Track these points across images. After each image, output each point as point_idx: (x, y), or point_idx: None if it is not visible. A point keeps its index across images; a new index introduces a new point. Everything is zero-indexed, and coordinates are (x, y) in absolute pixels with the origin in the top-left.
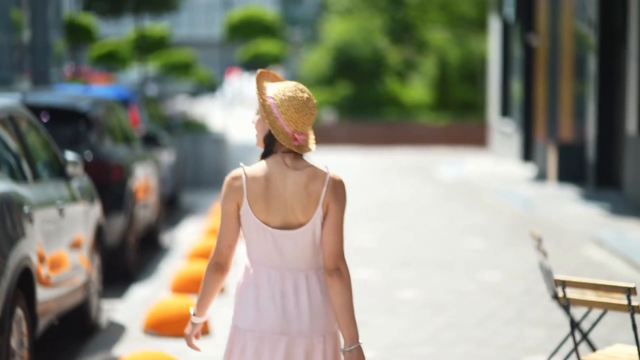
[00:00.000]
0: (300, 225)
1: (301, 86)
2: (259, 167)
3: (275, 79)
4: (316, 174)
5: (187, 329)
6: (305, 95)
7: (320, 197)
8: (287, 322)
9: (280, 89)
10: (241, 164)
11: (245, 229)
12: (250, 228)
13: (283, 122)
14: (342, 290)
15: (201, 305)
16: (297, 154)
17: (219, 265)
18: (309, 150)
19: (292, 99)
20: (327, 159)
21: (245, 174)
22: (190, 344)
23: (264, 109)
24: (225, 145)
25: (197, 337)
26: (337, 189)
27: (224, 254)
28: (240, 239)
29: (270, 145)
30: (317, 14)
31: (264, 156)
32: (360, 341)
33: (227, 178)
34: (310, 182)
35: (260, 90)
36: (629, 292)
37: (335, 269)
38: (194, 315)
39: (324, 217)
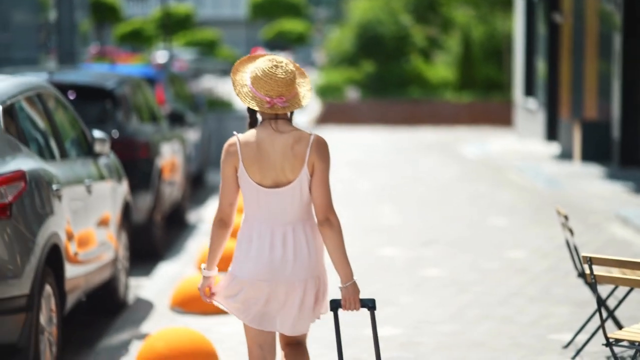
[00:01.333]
0: (289, 182)
1: (272, 57)
2: (251, 134)
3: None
4: (301, 137)
5: (200, 284)
6: (273, 63)
7: (305, 156)
8: (273, 271)
9: (255, 63)
10: (234, 132)
11: (242, 188)
12: (246, 188)
13: (254, 89)
14: (333, 236)
15: (211, 260)
16: (284, 119)
17: (222, 221)
18: (286, 110)
19: (259, 69)
20: (351, 137)
21: (239, 140)
22: (203, 298)
23: (232, 84)
24: None
25: (209, 289)
26: (321, 149)
27: (226, 211)
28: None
29: (252, 115)
30: None
31: (251, 125)
32: (354, 278)
33: (225, 145)
34: (295, 144)
35: (234, 70)
36: None
37: (326, 219)
38: (204, 269)
39: (311, 175)
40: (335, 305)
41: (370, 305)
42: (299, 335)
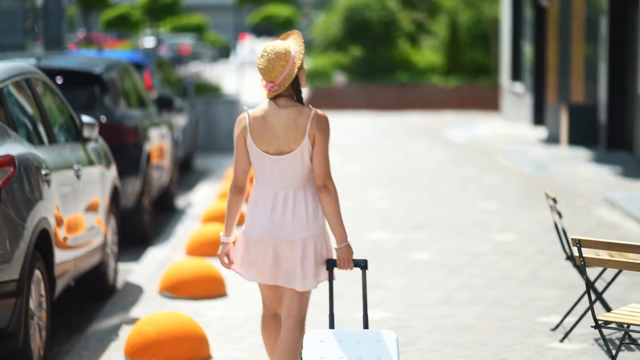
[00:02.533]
0: (291, 150)
1: (266, 45)
2: (259, 108)
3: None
4: (302, 111)
5: (219, 250)
6: (260, 53)
7: (306, 129)
8: (273, 230)
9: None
10: (245, 107)
11: (250, 156)
12: (253, 155)
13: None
14: (329, 201)
15: (228, 226)
16: (284, 97)
17: (237, 187)
18: (274, 94)
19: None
20: (339, 122)
21: (248, 114)
22: (222, 263)
23: None
24: (238, 107)
25: (228, 255)
26: (321, 122)
27: (240, 178)
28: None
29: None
30: None
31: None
32: (348, 240)
33: (236, 120)
34: (297, 118)
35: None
36: None
37: (323, 186)
38: (223, 236)
39: (312, 146)
40: (330, 264)
41: (362, 265)
42: (299, 306)
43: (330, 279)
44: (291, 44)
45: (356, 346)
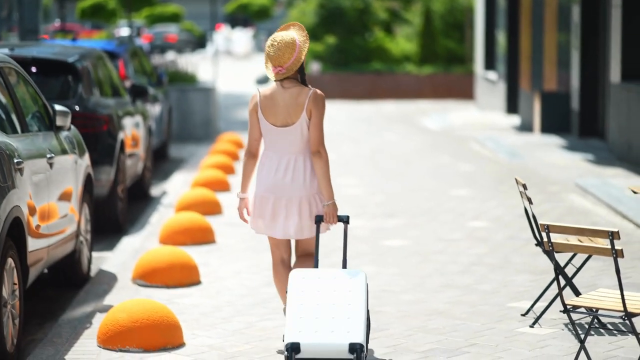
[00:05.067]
0: (293, 123)
1: (273, 36)
2: (268, 88)
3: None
4: (303, 90)
5: (238, 205)
6: (269, 41)
7: (305, 104)
8: (275, 188)
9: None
10: (257, 87)
11: (261, 127)
12: (263, 127)
13: (267, 63)
14: (321, 165)
15: (244, 185)
16: (289, 79)
17: (250, 152)
18: (283, 76)
19: (265, 49)
20: None
21: (259, 93)
22: (241, 216)
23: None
24: (214, 95)
25: (247, 208)
26: (317, 100)
27: (253, 145)
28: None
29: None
30: None
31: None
32: (334, 199)
33: (250, 98)
34: (298, 96)
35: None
36: (612, 236)
37: (317, 152)
38: (240, 193)
39: (309, 119)
40: (318, 219)
41: (345, 220)
42: (307, 246)
43: (317, 230)
44: (295, 34)
45: (332, 281)
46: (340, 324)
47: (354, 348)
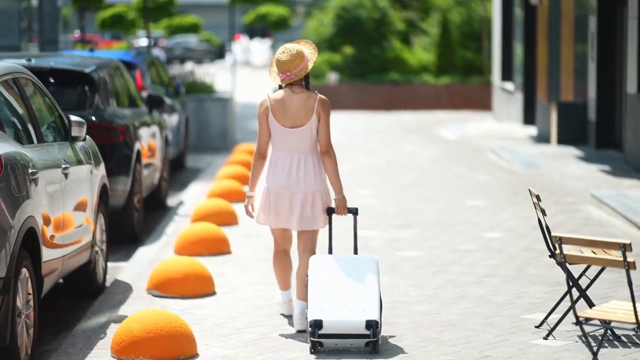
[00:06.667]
0: (302, 125)
1: (284, 46)
2: (278, 93)
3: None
4: (311, 95)
5: (245, 203)
6: (281, 50)
7: (314, 108)
8: (290, 184)
9: (277, 52)
10: (267, 93)
11: (271, 129)
12: (274, 128)
13: (276, 69)
14: (330, 163)
15: (252, 184)
16: (297, 85)
17: (260, 154)
18: (292, 81)
19: (276, 56)
20: (331, 120)
21: (269, 98)
22: (247, 212)
23: (269, 69)
24: (231, 105)
25: (252, 207)
26: (325, 104)
27: (263, 147)
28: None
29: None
30: None
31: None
32: (344, 193)
33: (260, 102)
34: (307, 100)
35: (271, 62)
36: (624, 248)
37: (326, 151)
38: (248, 191)
39: (318, 121)
40: (330, 211)
41: (354, 212)
42: (309, 242)
43: (330, 220)
44: (304, 47)
45: (348, 266)
46: (357, 303)
47: (370, 324)
